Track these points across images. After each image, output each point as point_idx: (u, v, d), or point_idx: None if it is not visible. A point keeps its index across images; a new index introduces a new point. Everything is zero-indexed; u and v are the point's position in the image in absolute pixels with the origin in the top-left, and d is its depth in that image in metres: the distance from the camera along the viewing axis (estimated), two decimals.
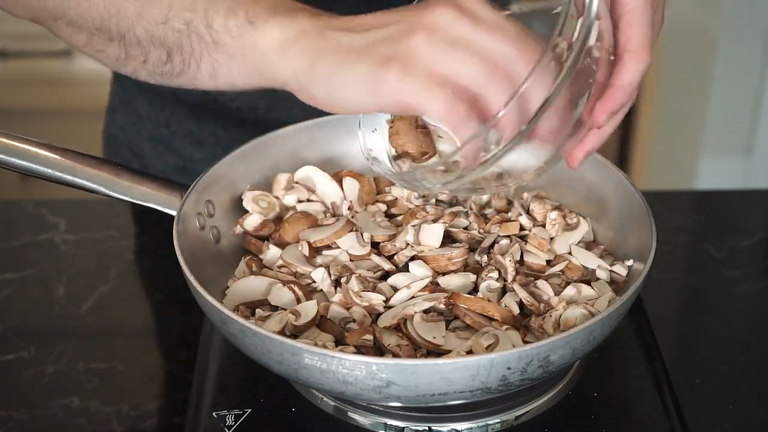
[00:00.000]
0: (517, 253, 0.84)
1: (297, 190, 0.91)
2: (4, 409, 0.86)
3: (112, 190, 0.84)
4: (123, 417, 0.85)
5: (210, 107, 1.12)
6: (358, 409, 0.80)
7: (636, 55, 0.72)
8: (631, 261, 0.84)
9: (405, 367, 0.68)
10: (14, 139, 0.82)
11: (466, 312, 0.78)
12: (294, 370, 0.71)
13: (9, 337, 0.94)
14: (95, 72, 2.12)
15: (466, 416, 0.78)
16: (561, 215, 0.88)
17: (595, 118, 0.72)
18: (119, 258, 1.05)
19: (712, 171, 2.21)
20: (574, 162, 0.74)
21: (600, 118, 0.71)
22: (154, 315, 0.99)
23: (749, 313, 0.98)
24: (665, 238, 1.06)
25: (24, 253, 1.05)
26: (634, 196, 0.85)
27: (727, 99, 2.14)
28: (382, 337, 0.77)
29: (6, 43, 2.16)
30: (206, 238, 0.87)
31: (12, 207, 1.14)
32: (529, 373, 0.71)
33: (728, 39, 2.07)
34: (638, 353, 0.86)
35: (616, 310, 0.73)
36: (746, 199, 1.19)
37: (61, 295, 0.99)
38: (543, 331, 0.77)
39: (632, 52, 0.72)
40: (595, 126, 0.72)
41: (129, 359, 0.92)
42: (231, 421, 0.79)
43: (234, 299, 0.82)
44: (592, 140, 0.74)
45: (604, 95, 0.71)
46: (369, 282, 0.81)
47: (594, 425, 0.79)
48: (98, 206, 1.12)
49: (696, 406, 0.86)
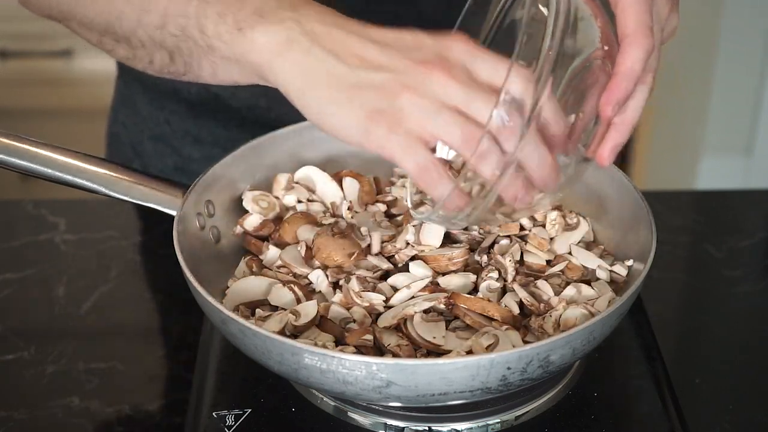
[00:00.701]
0: (517, 253, 0.84)
1: (297, 190, 0.91)
2: (4, 409, 0.86)
3: (112, 190, 0.84)
4: (123, 417, 0.85)
5: (210, 106, 1.12)
6: (358, 409, 0.80)
7: (633, 40, 0.71)
8: (631, 261, 0.84)
9: (405, 367, 0.68)
10: (14, 139, 0.82)
11: (466, 312, 0.78)
12: (294, 370, 0.71)
13: (9, 337, 0.94)
14: (95, 72, 2.13)
15: (466, 416, 0.78)
16: (561, 215, 0.88)
17: (602, 111, 0.71)
18: (119, 258, 1.05)
19: (712, 171, 2.21)
20: (602, 160, 0.74)
21: (607, 110, 0.71)
22: (154, 315, 0.99)
23: (749, 313, 0.98)
24: (665, 238, 1.06)
25: (24, 253, 1.05)
26: (634, 196, 0.85)
27: (727, 99, 2.14)
28: (382, 337, 0.77)
29: (6, 43, 2.16)
30: (206, 238, 0.87)
31: (12, 207, 1.14)
32: (529, 373, 0.71)
33: (728, 39, 2.07)
34: (638, 353, 0.86)
35: (616, 310, 0.73)
36: (746, 199, 1.19)
37: (61, 295, 0.99)
38: (543, 331, 0.77)
39: (629, 36, 0.71)
40: (604, 119, 0.72)
41: (129, 359, 0.92)
42: (231, 421, 0.79)
43: (234, 299, 0.82)
44: (614, 135, 0.74)
45: (608, 86, 0.71)
46: (369, 282, 0.81)
47: (594, 425, 0.79)
48: (98, 206, 1.12)
49: (696, 406, 0.86)
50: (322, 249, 0.83)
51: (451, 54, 0.67)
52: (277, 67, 0.69)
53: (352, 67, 0.67)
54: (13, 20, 2.05)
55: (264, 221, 0.88)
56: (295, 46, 0.68)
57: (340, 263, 0.83)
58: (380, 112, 0.66)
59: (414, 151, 0.66)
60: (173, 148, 1.17)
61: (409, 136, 0.66)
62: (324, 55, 0.68)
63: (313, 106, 0.69)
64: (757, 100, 2.14)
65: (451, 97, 0.66)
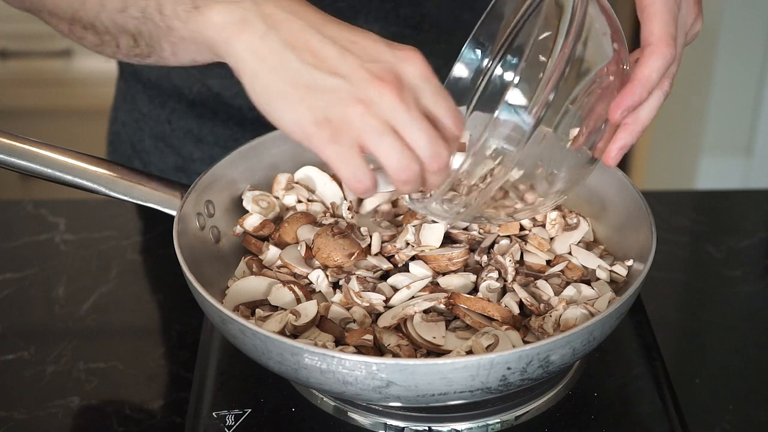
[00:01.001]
0: (517, 253, 0.84)
1: (297, 190, 0.91)
2: (4, 409, 0.86)
3: (112, 190, 0.84)
4: (123, 417, 0.85)
5: (211, 105, 1.12)
6: (358, 409, 0.80)
7: (655, 49, 0.72)
8: (631, 261, 0.84)
9: (405, 367, 0.68)
10: (14, 139, 0.82)
11: (466, 312, 0.78)
12: (294, 370, 0.71)
13: (9, 337, 0.94)
14: (95, 72, 2.13)
15: (466, 416, 0.78)
16: (561, 215, 0.88)
17: (611, 114, 0.72)
18: (119, 258, 1.05)
19: (712, 171, 2.21)
20: (608, 159, 0.76)
21: (616, 114, 0.72)
22: (154, 315, 0.99)
23: (749, 313, 0.98)
24: (665, 238, 1.06)
25: (24, 253, 1.05)
26: (634, 196, 0.85)
27: (727, 99, 2.14)
28: (382, 337, 0.77)
29: (6, 43, 2.16)
30: (206, 238, 0.87)
31: (12, 207, 1.14)
32: (529, 373, 0.71)
33: (728, 39, 2.07)
34: (638, 353, 0.86)
35: (616, 310, 0.73)
36: (746, 199, 1.19)
37: (61, 295, 0.99)
38: (543, 331, 0.77)
39: (652, 45, 0.72)
40: (612, 122, 0.73)
41: (129, 359, 0.92)
42: (231, 421, 0.79)
43: (234, 299, 0.82)
44: (623, 136, 0.75)
45: (622, 90, 0.72)
46: (369, 282, 0.81)
47: (594, 425, 0.79)
48: (98, 206, 1.12)
49: (696, 406, 0.86)
50: (322, 249, 0.83)
51: (406, 74, 0.68)
52: (231, 47, 0.70)
53: (307, 65, 0.68)
54: (13, 20, 2.05)
55: (264, 221, 0.88)
56: (250, 28, 0.69)
57: (340, 263, 0.83)
58: (327, 120, 0.67)
59: (352, 162, 0.68)
60: (174, 147, 1.17)
61: (350, 148, 0.68)
62: (279, 45, 0.68)
63: (262, 93, 0.69)
64: (756, 100, 2.14)
65: (396, 119, 0.67)
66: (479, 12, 1.11)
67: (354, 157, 0.68)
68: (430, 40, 1.08)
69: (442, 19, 1.08)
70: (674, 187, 2.29)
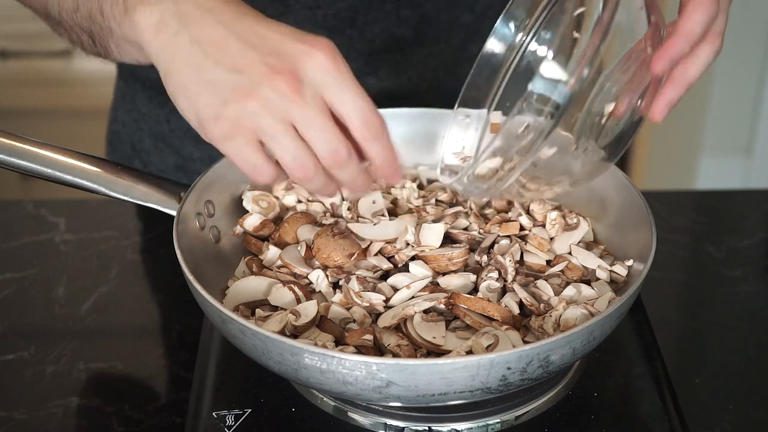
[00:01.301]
0: (517, 253, 0.84)
1: (297, 190, 0.91)
2: (4, 409, 0.86)
3: (112, 190, 0.84)
4: (123, 417, 0.85)
5: None
6: (358, 409, 0.80)
7: (697, 4, 0.71)
8: (631, 261, 0.84)
9: (405, 367, 0.68)
10: (14, 139, 0.82)
11: (466, 312, 0.78)
12: (294, 370, 0.71)
13: (9, 337, 0.94)
14: (95, 72, 2.13)
15: (466, 416, 0.78)
16: (561, 215, 0.88)
17: (652, 64, 0.71)
18: (119, 258, 1.05)
19: (712, 171, 2.21)
20: (656, 115, 0.74)
21: (657, 65, 0.71)
22: (154, 315, 0.99)
23: (749, 313, 0.98)
24: (665, 238, 1.06)
25: (24, 253, 1.05)
26: (634, 196, 0.85)
27: (727, 99, 2.14)
28: (382, 337, 0.77)
29: (6, 43, 2.16)
30: (206, 238, 0.87)
31: (12, 207, 1.14)
32: (529, 373, 0.71)
33: (728, 39, 2.07)
34: (638, 353, 0.86)
35: (616, 310, 0.73)
36: (746, 199, 1.19)
37: (61, 295, 0.99)
38: (543, 331, 0.77)
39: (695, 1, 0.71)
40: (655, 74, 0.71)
41: (129, 359, 0.92)
42: (231, 421, 0.79)
43: (234, 299, 0.82)
44: (670, 89, 0.74)
45: (664, 43, 0.71)
46: (369, 282, 0.81)
47: (594, 425, 0.79)
48: (98, 206, 1.12)
49: (696, 406, 0.86)
50: (322, 249, 0.83)
51: (308, 68, 0.67)
52: (151, 47, 0.71)
53: (210, 61, 0.68)
54: (13, 20, 2.06)
55: (264, 221, 0.88)
56: (165, 28, 0.70)
57: (340, 263, 0.83)
58: (223, 115, 0.68)
59: (250, 158, 0.69)
60: (173, 147, 1.17)
61: (247, 143, 0.68)
62: (187, 42, 0.69)
63: (172, 91, 0.71)
64: (756, 100, 2.14)
65: (291, 114, 0.67)
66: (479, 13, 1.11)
67: (251, 153, 0.69)
68: (430, 41, 1.08)
69: (442, 19, 1.08)
70: (674, 187, 2.29)
